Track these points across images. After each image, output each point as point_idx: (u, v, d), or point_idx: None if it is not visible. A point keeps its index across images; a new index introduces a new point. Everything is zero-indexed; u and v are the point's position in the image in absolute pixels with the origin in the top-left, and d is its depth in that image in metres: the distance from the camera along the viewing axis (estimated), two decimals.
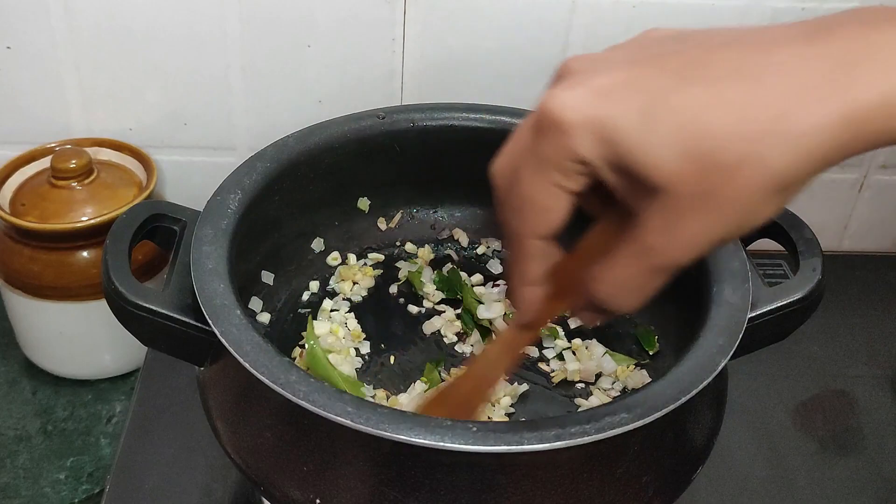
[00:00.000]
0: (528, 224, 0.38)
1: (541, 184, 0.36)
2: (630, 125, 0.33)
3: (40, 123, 0.77)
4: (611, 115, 0.33)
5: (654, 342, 0.63)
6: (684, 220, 0.33)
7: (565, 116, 0.34)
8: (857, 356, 0.77)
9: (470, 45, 0.76)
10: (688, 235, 0.34)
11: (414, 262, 0.70)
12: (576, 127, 0.34)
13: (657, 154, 0.33)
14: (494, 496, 0.45)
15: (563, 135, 0.34)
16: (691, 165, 0.32)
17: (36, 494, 0.65)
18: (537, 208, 0.37)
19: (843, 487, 0.65)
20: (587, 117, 0.34)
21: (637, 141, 0.33)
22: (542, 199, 0.37)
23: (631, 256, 0.36)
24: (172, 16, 0.73)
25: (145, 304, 0.50)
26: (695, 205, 0.33)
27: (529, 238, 0.38)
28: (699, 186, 0.33)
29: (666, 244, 0.34)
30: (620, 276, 0.37)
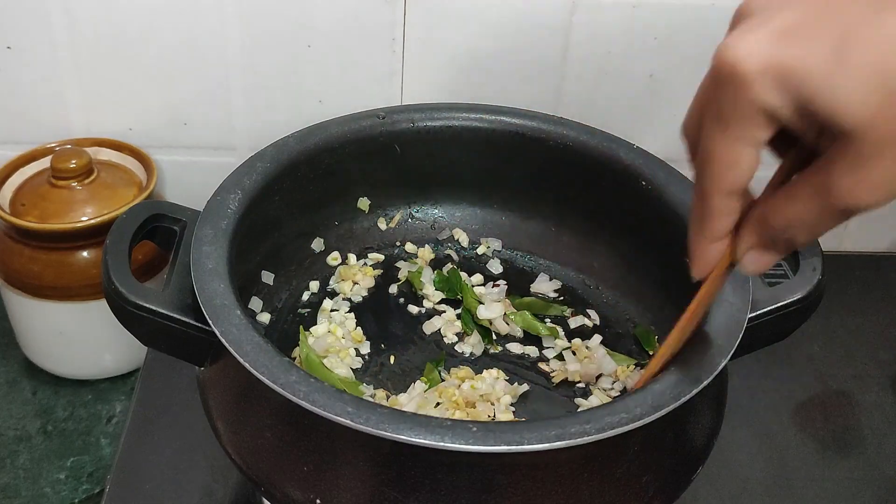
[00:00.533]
0: (714, 181, 0.36)
1: (725, 139, 0.34)
2: (818, 67, 0.31)
3: (40, 123, 0.77)
4: (796, 58, 0.31)
5: (654, 342, 0.63)
6: (875, 163, 0.32)
7: (744, 66, 0.32)
8: (857, 356, 0.77)
9: (470, 45, 0.76)
10: (877, 179, 0.32)
11: (414, 262, 0.70)
12: (756, 76, 0.32)
13: (849, 96, 0.31)
14: (494, 496, 0.45)
15: (743, 86, 0.32)
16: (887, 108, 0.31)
17: (36, 494, 0.65)
18: (723, 164, 0.35)
19: (843, 487, 0.65)
20: (769, 64, 0.32)
21: (825, 85, 0.31)
22: (727, 155, 0.35)
23: (814, 194, 0.34)
24: (172, 16, 0.73)
25: (145, 304, 0.50)
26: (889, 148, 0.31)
27: (717, 195, 0.37)
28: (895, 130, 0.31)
29: (852, 187, 0.33)
30: (800, 211, 0.35)
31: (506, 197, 0.70)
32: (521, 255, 0.71)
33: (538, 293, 0.68)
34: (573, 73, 0.77)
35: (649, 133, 0.71)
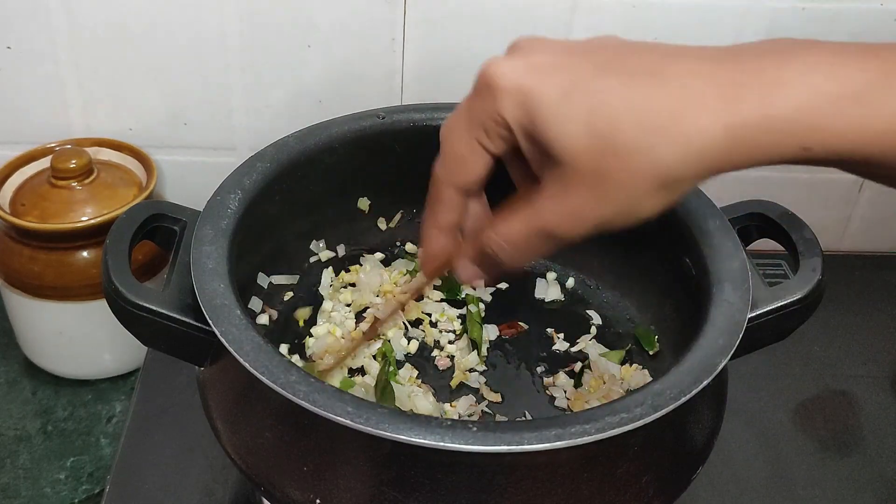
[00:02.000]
0: (447, 173, 0.42)
1: (466, 138, 0.40)
2: (549, 98, 0.37)
3: (40, 123, 0.77)
4: (535, 87, 0.37)
5: (654, 342, 0.63)
6: (575, 193, 0.37)
7: (498, 81, 0.38)
8: (857, 356, 0.77)
9: (470, 45, 0.76)
10: (575, 208, 0.38)
11: (410, 258, 0.70)
12: (504, 91, 0.38)
13: (565, 128, 0.36)
14: (494, 496, 0.45)
15: (493, 96, 0.38)
16: (591, 144, 0.36)
17: (36, 494, 0.65)
18: (458, 160, 0.41)
19: (843, 487, 0.65)
20: (515, 84, 0.38)
21: (551, 113, 0.37)
22: (464, 153, 0.41)
23: (525, 216, 0.40)
24: (172, 16, 0.73)
25: (145, 304, 0.50)
26: (587, 181, 0.37)
27: (446, 186, 0.43)
28: (595, 164, 0.36)
29: (555, 211, 0.38)
30: (512, 231, 0.40)
31: (505, 197, 0.70)
32: None
33: (541, 299, 0.68)
34: None
35: None
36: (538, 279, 0.69)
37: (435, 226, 0.44)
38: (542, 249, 0.40)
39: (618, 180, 0.36)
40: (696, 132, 0.35)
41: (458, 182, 0.42)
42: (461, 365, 0.62)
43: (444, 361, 0.63)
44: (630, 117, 0.36)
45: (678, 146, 0.35)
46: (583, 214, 0.38)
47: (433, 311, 0.66)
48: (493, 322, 0.66)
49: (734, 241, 0.56)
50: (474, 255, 0.43)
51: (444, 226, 0.44)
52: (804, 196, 0.84)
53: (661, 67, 0.37)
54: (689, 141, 0.35)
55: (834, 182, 0.85)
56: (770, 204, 0.60)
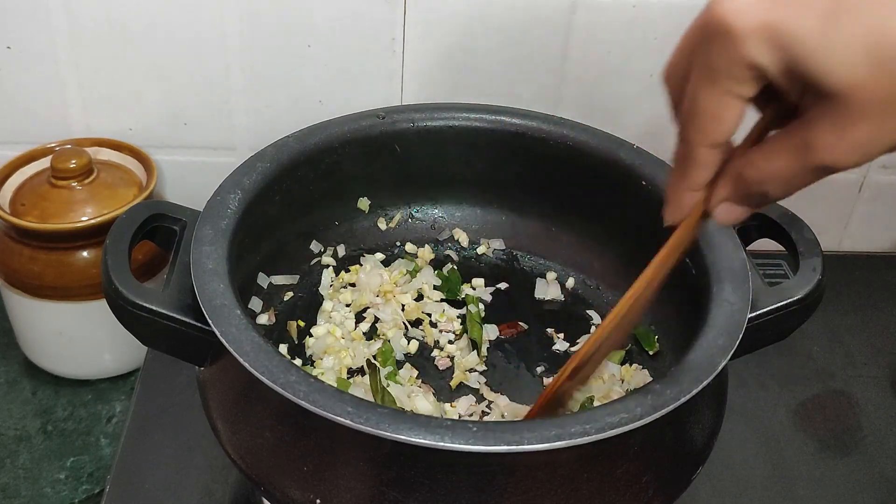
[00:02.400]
0: (701, 133, 0.37)
1: (713, 93, 0.35)
2: (810, 30, 0.32)
3: (40, 123, 0.77)
4: (788, 19, 0.32)
5: (654, 342, 0.63)
6: (859, 124, 0.33)
7: (737, 22, 0.33)
8: (857, 356, 0.77)
9: (470, 45, 0.76)
10: (858, 140, 0.33)
11: (410, 258, 0.70)
12: (749, 33, 0.33)
13: (839, 60, 0.32)
14: (494, 496, 0.45)
15: (735, 42, 0.33)
16: (876, 72, 0.32)
17: (36, 494, 0.65)
18: (710, 118, 0.36)
19: (843, 487, 0.65)
20: (762, 22, 0.33)
21: (817, 47, 0.32)
22: (715, 109, 0.36)
23: (793, 150, 0.35)
24: (172, 16, 0.73)
25: (145, 304, 0.50)
26: (873, 111, 0.33)
27: (702, 146, 0.38)
28: (882, 93, 0.32)
29: (833, 146, 0.34)
30: (778, 166, 0.36)
31: (506, 197, 0.70)
32: (522, 255, 0.71)
33: (541, 299, 0.68)
34: (573, 73, 0.77)
35: (649, 133, 0.71)
36: (538, 279, 0.69)
37: (688, 187, 0.40)
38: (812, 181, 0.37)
39: None
40: None
41: (718, 140, 0.37)
42: (461, 365, 0.62)
43: (444, 361, 0.63)
44: None
45: None
46: (870, 144, 0.34)
47: (433, 311, 0.66)
48: (493, 322, 0.66)
49: (734, 241, 0.56)
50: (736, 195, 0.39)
51: (699, 185, 0.40)
52: (804, 196, 0.84)
53: None
54: None
55: (834, 182, 0.85)
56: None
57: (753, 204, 0.39)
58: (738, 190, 0.39)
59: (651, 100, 0.77)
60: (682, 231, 0.44)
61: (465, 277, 0.69)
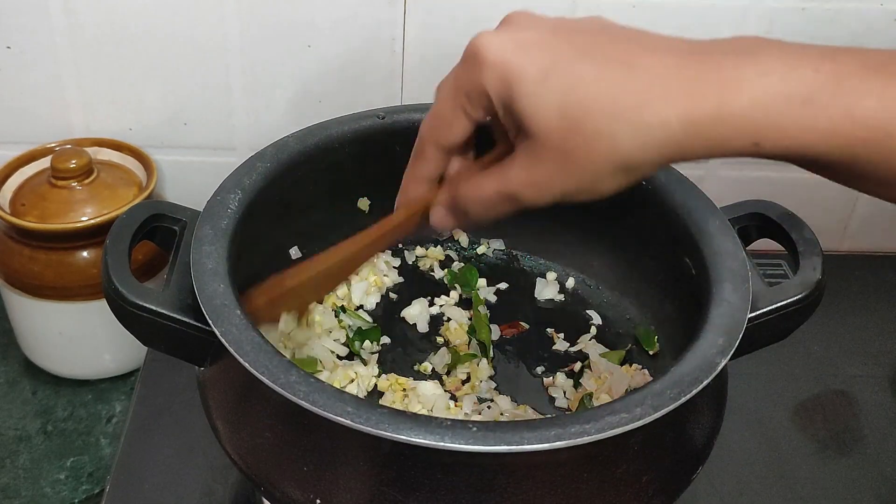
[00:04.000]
0: (431, 132, 0.45)
1: (451, 103, 0.43)
2: (528, 76, 0.39)
3: (40, 123, 0.77)
4: (516, 64, 0.40)
5: (654, 342, 0.63)
6: (541, 165, 0.40)
7: (484, 53, 0.41)
8: (857, 356, 0.77)
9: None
10: (541, 179, 0.41)
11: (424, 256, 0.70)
12: (488, 64, 0.41)
13: (539, 106, 0.39)
14: (494, 496, 0.45)
15: (478, 68, 0.41)
16: (561, 124, 0.39)
17: (36, 494, 0.65)
18: (443, 122, 0.44)
19: (843, 487, 0.65)
20: (499, 59, 0.40)
21: (528, 91, 0.39)
22: (448, 115, 0.44)
23: (495, 178, 0.43)
24: (173, 16, 0.73)
25: (145, 304, 0.50)
26: (554, 157, 0.40)
27: (430, 144, 0.46)
28: (561, 143, 0.39)
29: (521, 181, 0.41)
30: (482, 189, 0.44)
31: None
32: (522, 255, 0.71)
33: (542, 299, 0.68)
34: None
35: None
36: (538, 279, 0.69)
37: (414, 177, 0.48)
38: (507, 210, 0.44)
39: (581, 160, 0.39)
40: (657, 122, 0.38)
41: (440, 141, 0.45)
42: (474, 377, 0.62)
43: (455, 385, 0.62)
44: (598, 103, 0.38)
45: (638, 134, 0.38)
46: (547, 185, 0.41)
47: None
48: (493, 322, 0.66)
49: (734, 241, 0.56)
50: (449, 204, 0.46)
51: (421, 178, 0.47)
52: (804, 196, 0.84)
53: (635, 58, 0.39)
54: (649, 130, 0.38)
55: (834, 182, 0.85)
56: (770, 204, 0.60)
57: (460, 218, 0.46)
58: (450, 200, 0.46)
59: None
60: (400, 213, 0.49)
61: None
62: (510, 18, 0.43)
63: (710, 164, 0.82)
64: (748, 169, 0.83)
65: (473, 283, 0.68)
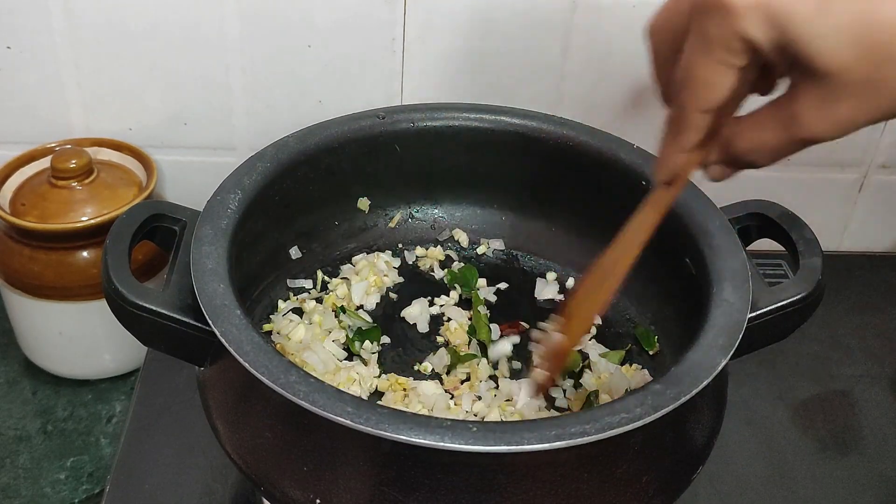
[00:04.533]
0: (694, 99, 0.40)
1: (707, 63, 0.38)
2: (803, 13, 0.34)
3: (40, 123, 0.77)
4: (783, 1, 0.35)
5: (654, 342, 0.63)
6: (842, 102, 0.36)
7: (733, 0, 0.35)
8: (857, 356, 0.77)
9: (470, 45, 0.76)
10: (841, 116, 0.36)
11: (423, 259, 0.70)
12: (746, 10, 0.35)
13: (828, 43, 0.34)
14: (494, 496, 0.45)
15: (732, 17, 0.36)
16: (862, 55, 0.34)
17: (36, 494, 0.65)
18: (704, 85, 0.39)
19: (843, 487, 0.65)
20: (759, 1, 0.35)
21: (809, 28, 0.34)
22: (709, 76, 0.38)
23: (779, 123, 0.38)
24: (172, 16, 0.73)
25: (145, 304, 0.50)
26: (857, 91, 0.35)
27: (694, 111, 0.40)
28: (866, 75, 0.35)
29: (817, 121, 0.37)
30: (764, 137, 0.39)
31: (506, 197, 0.70)
32: (522, 255, 0.71)
33: (543, 299, 0.68)
34: (573, 73, 0.77)
35: (649, 133, 0.71)
36: (538, 279, 0.69)
37: (677, 148, 0.43)
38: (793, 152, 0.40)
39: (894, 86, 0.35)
40: None
41: (710, 105, 0.40)
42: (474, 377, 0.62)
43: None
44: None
45: None
46: (850, 121, 0.37)
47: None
48: (493, 322, 0.66)
49: (734, 241, 0.56)
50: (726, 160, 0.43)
51: (689, 147, 0.42)
52: (804, 196, 0.84)
53: None
54: None
55: (834, 182, 0.85)
56: (770, 204, 0.60)
57: (741, 167, 0.43)
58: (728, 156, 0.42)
59: (651, 100, 0.77)
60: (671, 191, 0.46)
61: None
62: None
63: None
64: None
65: (473, 283, 0.68)
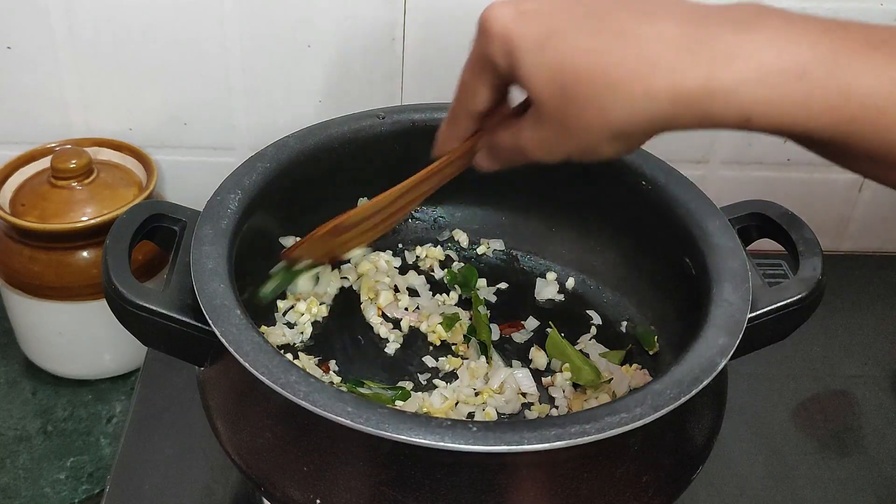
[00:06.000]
0: (460, 102, 0.48)
1: (469, 73, 0.46)
2: (526, 46, 0.41)
3: (40, 123, 0.77)
4: (517, 34, 0.41)
5: (654, 342, 0.63)
6: (544, 129, 0.42)
7: (490, 25, 0.42)
8: (857, 356, 0.77)
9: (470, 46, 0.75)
10: (545, 140, 0.43)
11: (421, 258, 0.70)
12: (493, 35, 0.42)
13: (537, 75, 0.41)
14: (494, 496, 0.45)
15: (486, 39, 0.43)
16: (556, 92, 0.40)
17: (36, 494, 0.65)
18: (466, 91, 0.47)
19: (843, 487, 0.65)
20: (503, 30, 0.42)
21: (527, 60, 0.41)
22: (471, 84, 0.46)
23: (512, 134, 0.45)
24: (172, 16, 0.73)
25: (145, 304, 0.50)
26: (552, 122, 0.42)
27: (459, 110, 0.48)
28: (558, 111, 0.41)
29: (529, 139, 0.44)
30: (500, 141, 0.47)
31: (506, 197, 0.70)
32: (522, 255, 0.71)
33: (543, 299, 0.68)
34: None
35: None
36: (538, 279, 0.69)
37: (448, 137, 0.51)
38: (518, 161, 0.46)
39: (576, 127, 0.41)
40: (645, 94, 0.38)
41: (468, 108, 0.48)
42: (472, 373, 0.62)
43: None
44: (590, 74, 0.39)
45: (627, 105, 0.39)
46: (550, 147, 0.43)
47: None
48: (493, 322, 0.66)
49: (734, 241, 0.56)
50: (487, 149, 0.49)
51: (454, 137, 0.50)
52: (804, 196, 0.84)
53: (632, 26, 0.39)
54: (638, 101, 0.39)
55: (834, 182, 0.85)
56: (770, 204, 0.60)
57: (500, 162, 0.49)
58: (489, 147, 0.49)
59: None
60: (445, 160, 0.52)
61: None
62: None
63: (710, 164, 0.82)
64: (748, 169, 0.83)
65: (473, 283, 0.68)
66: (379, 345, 0.64)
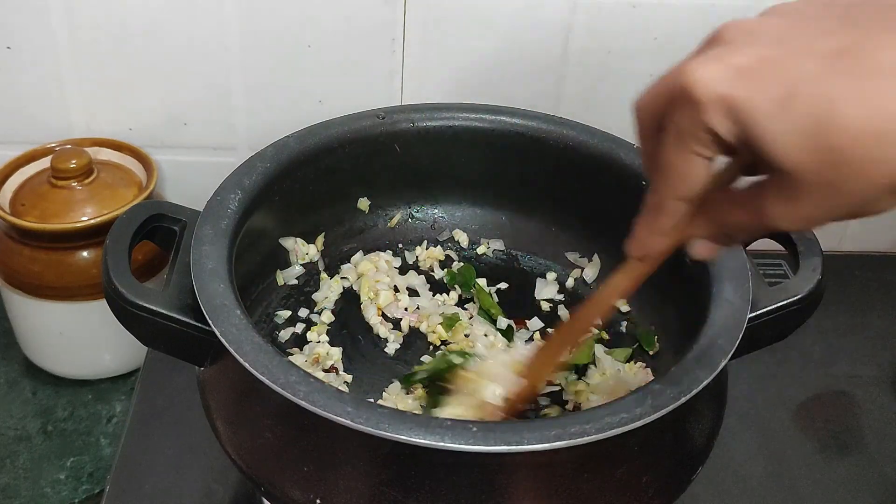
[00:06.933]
0: (670, 188, 0.40)
1: (680, 152, 0.38)
2: (763, 110, 0.34)
3: (40, 123, 0.77)
4: (744, 98, 0.34)
5: (654, 342, 0.63)
6: (802, 201, 0.35)
7: (698, 92, 0.35)
8: (857, 356, 0.77)
9: (470, 46, 0.76)
10: (803, 214, 0.36)
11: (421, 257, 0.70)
12: (708, 104, 0.35)
13: (787, 141, 0.34)
14: (494, 496, 0.45)
15: (698, 109, 0.35)
16: (819, 157, 0.33)
17: (36, 494, 0.65)
18: (678, 175, 0.39)
19: (843, 487, 0.65)
20: (721, 96, 0.35)
21: (767, 127, 0.34)
22: (683, 166, 0.38)
23: (750, 211, 0.38)
24: (172, 16, 0.73)
25: (145, 304, 0.50)
26: (815, 191, 0.34)
27: (670, 199, 0.40)
28: (823, 177, 0.34)
29: (780, 215, 0.37)
30: (736, 222, 0.39)
31: (506, 197, 0.70)
32: (522, 255, 0.71)
33: (541, 299, 0.68)
34: (573, 73, 0.77)
35: None
36: (538, 279, 0.69)
37: (653, 230, 0.43)
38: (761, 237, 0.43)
39: (850, 191, 0.34)
40: None
41: (685, 195, 0.40)
42: None
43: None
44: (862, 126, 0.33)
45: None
46: (814, 218, 0.36)
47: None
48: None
49: None
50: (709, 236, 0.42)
51: (662, 231, 0.42)
52: None
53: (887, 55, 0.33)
54: None
55: None
56: None
57: (725, 244, 0.42)
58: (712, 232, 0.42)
59: None
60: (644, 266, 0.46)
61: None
62: (720, 36, 0.37)
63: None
64: None
65: (473, 283, 0.68)
66: (379, 345, 0.64)
